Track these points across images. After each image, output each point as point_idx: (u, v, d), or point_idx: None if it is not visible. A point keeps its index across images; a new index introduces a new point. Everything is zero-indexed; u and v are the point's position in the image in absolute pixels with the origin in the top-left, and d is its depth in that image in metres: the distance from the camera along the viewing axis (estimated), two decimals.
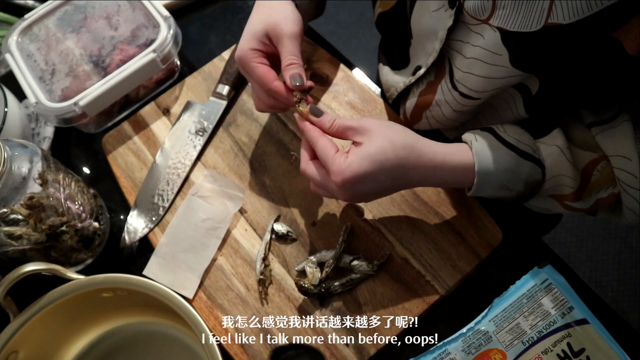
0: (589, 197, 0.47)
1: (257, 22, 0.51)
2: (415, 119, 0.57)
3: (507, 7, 0.39)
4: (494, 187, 0.46)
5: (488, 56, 0.43)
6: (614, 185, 0.45)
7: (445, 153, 0.46)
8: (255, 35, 0.51)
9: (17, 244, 0.49)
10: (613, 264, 1.36)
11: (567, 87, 0.44)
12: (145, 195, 0.60)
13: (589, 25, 0.36)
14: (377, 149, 0.44)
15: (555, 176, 0.46)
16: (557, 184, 0.46)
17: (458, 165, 0.46)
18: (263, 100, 0.53)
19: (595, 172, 0.45)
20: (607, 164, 0.45)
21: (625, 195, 0.44)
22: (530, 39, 0.39)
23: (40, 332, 0.50)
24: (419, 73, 0.53)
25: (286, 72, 0.49)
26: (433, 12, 0.47)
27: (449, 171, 0.46)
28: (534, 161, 0.45)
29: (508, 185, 0.46)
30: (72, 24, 0.66)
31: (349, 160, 0.44)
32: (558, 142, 0.46)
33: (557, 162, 0.46)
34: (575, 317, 0.46)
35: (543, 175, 0.46)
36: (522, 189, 0.46)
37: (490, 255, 0.52)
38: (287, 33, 0.50)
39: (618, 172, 0.44)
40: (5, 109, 0.59)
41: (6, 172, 0.46)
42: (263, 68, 0.50)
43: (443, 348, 0.47)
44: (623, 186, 0.44)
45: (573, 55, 0.40)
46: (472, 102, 0.48)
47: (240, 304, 0.53)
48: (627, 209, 0.46)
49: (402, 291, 0.51)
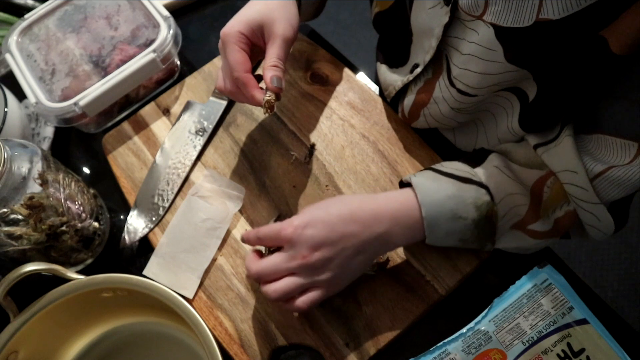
0: (547, 217, 0.47)
1: (256, 11, 0.51)
2: (413, 117, 0.57)
3: (500, 3, 0.40)
4: (446, 220, 0.45)
5: (483, 52, 0.43)
6: (568, 202, 0.46)
7: (387, 196, 0.47)
8: (248, 22, 0.51)
9: (17, 244, 0.49)
10: (613, 264, 1.36)
11: (563, 91, 0.44)
12: (145, 195, 0.60)
13: (578, 22, 0.37)
14: (314, 207, 0.46)
15: (505, 197, 0.46)
16: (511, 206, 0.46)
17: (402, 203, 0.46)
18: (226, 84, 0.53)
19: (546, 189, 0.46)
20: (555, 179, 0.45)
21: (581, 211, 0.45)
22: (523, 35, 0.40)
23: (40, 332, 0.50)
24: (416, 71, 0.53)
25: (268, 71, 0.49)
26: (429, 10, 0.48)
27: (395, 212, 0.45)
28: (475, 184, 0.46)
29: (459, 213, 0.45)
30: (72, 24, 0.66)
31: (293, 217, 0.45)
32: (495, 163, 0.47)
33: (500, 180, 0.46)
34: (575, 317, 0.46)
35: (491, 197, 0.46)
36: (475, 215, 0.45)
37: (490, 255, 0.52)
38: (280, 34, 0.50)
39: (568, 187, 0.44)
40: (5, 109, 0.59)
41: (6, 172, 0.46)
42: (241, 54, 0.50)
43: (443, 348, 0.47)
44: (576, 201, 0.44)
45: (564, 52, 0.40)
46: (469, 99, 0.48)
47: (240, 304, 0.53)
48: (588, 226, 0.46)
49: (402, 291, 0.51)
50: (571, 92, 0.44)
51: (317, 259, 0.43)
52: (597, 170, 0.43)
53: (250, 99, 0.51)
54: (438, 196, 0.45)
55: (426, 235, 0.46)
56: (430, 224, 0.46)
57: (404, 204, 0.46)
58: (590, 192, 0.43)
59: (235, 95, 0.53)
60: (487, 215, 0.46)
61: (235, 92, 0.52)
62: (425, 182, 0.47)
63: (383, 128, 0.60)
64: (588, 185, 0.43)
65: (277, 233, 0.44)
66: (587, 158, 0.44)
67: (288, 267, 0.44)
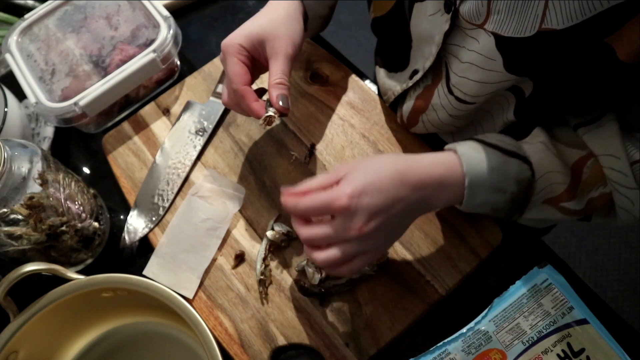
0: (582, 197, 0.46)
1: (259, 25, 0.51)
2: (411, 123, 0.57)
3: (502, 12, 0.39)
4: (486, 190, 0.45)
5: (483, 61, 0.43)
6: (605, 184, 0.45)
7: (432, 160, 0.45)
8: (250, 36, 0.51)
9: (17, 244, 0.49)
10: (613, 264, 1.36)
11: (560, 90, 0.44)
12: (145, 195, 0.60)
13: (582, 31, 0.36)
14: (361, 171, 0.42)
15: (545, 174, 0.45)
16: (549, 183, 0.46)
17: (449, 169, 0.44)
18: (230, 96, 0.53)
19: (585, 170, 0.45)
20: (595, 161, 0.45)
21: (617, 194, 0.45)
22: (524, 45, 0.39)
23: (40, 332, 0.50)
24: (416, 77, 0.53)
25: (274, 89, 0.49)
26: (430, 17, 0.48)
27: (441, 176, 0.44)
28: (519, 158, 0.45)
29: (499, 186, 0.45)
30: (72, 24, 0.66)
31: (342, 183, 0.42)
32: (541, 139, 0.46)
33: (544, 157, 0.45)
34: (575, 317, 0.46)
35: (532, 173, 0.45)
36: (515, 189, 0.45)
37: (490, 256, 0.52)
38: (284, 52, 0.50)
39: (608, 171, 0.44)
40: (5, 109, 0.59)
41: (6, 172, 0.46)
42: (240, 67, 0.50)
43: (443, 348, 0.47)
44: (614, 185, 0.44)
45: (567, 61, 0.40)
46: (467, 107, 0.48)
47: (240, 304, 0.53)
48: (620, 209, 0.46)
49: (402, 291, 0.51)
50: (569, 88, 0.44)
51: (372, 227, 0.41)
52: (636, 157, 0.43)
53: (249, 112, 0.50)
54: (482, 167, 0.44)
55: (463, 202, 0.45)
56: (470, 193, 0.45)
57: (450, 170, 0.44)
58: (630, 177, 0.43)
59: (234, 107, 0.53)
60: (525, 190, 0.45)
61: (237, 104, 0.52)
62: (470, 152, 0.45)
63: (383, 128, 0.60)
64: (629, 171, 0.43)
65: (329, 204, 0.41)
66: (628, 143, 0.43)
67: (342, 237, 0.41)
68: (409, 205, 0.43)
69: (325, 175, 0.43)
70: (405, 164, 0.43)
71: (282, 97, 0.49)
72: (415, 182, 0.43)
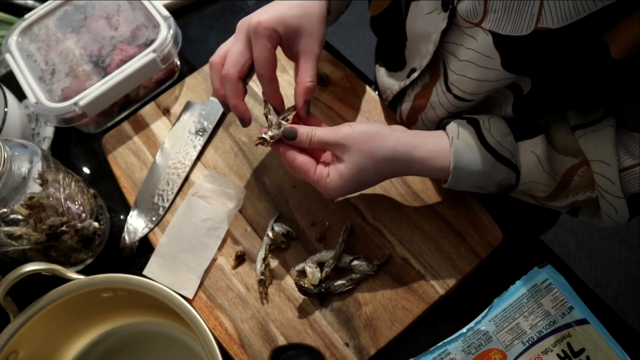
0: (565, 199, 0.47)
1: (295, 16, 0.46)
2: (411, 121, 0.57)
3: (498, 11, 0.40)
4: (467, 186, 0.48)
5: (480, 59, 0.43)
6: (593, 189, 0.46)
7: (424, 160, 0.46)
8: (288, 25, 0.46)
9: (17, 244, 0.49)
10: (613, 264, 1.36)
11: (558, 88, 0.44)
12: (145, 195, 0.60)
13: (578, 29, 0.37)
14: (357, 167, 0.46)
15: (529, 182, 0.47)
16: (531, 188, 0.47)
17: (437, 169, 0.47)
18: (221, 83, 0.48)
19: (576, 177, 0.46)
20: (587, 169, 0.45)
21: (603, 200, 0.45)
22: (521, 43, 0.39)
23: (40, 332, 0.50)
24: (413, 76, 0.53)
25: (303, 93, 0.48)
26: (426, 15, 0.48)
27: (427, 173, 0.48)
28: (510, 166, 0.46)
29: (481, 185, 0.47)
30: (72, 24, 0.66)
31: (331, 177, 0.46)
32: (538, 151, 0.46)
33: (533, 170, 0.46)
34: (575, 317, 0.46)
35: (517, 181, 0.47)
36: (495, 190, 0.48)
37: (490, 255, 0.52)
38: (316, 52, 0.48)
39: (597, 177, 0.44)
40: (5, 109, 0.59)
41: (6, 172, 0.46)
42: (272, 54, 0.46)
43: (443, 348, 0.47)
44: (601, 192, 0.45)
45: (563, 59, 0.40)
46: (465, 104, 0.49)
47: (240, 304, 0.53)
48: (604, 215, 0.47)
49: (402, 291, 0.51)
50: (566, 85, 0.44)
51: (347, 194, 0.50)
52: (626, 164, 0.43)
53: (271, 99, 0.49)
54: (469, 169, 0.46)
55: (444, 185, 0.49)
56: (452, 184, 0.48)
57: (439, 171, 0.47)
58: (617, 185, 0.44)
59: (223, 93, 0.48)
60: (505, 190, 0.49)
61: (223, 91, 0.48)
62: (464, 151, 0.46)
63: None
64: (617, 179, 0.43)
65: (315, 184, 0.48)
66: (621, 149, 0.44)
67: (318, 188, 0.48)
68: (386, 176, 0.49)
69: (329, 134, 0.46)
70: (395, 169, 0.47)
71: (308, 104, 0.49)
72: (402, 175, 0.51)
